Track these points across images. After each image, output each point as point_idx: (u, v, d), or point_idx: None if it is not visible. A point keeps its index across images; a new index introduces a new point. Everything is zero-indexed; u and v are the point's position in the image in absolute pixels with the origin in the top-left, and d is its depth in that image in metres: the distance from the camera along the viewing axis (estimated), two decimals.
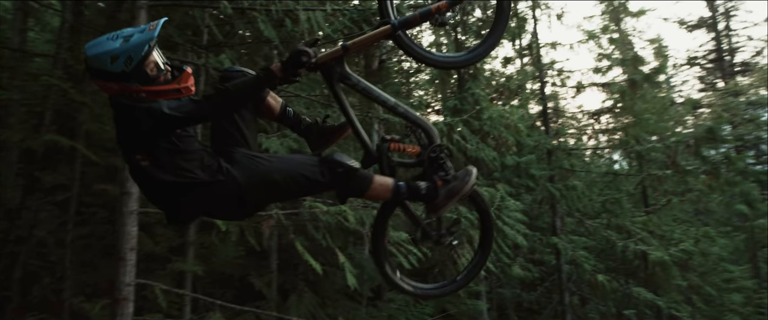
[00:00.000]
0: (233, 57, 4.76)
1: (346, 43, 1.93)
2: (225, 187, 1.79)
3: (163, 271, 4.85)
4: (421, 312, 6.01)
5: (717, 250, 10.15)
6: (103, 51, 1.72)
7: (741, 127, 14.90)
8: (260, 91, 1.87)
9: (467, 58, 2.15)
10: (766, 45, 17.76)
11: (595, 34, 11.14)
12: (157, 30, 1.74)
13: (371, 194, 1.97)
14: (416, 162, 2.12)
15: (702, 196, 10.44)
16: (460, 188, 2.02)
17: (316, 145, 2.13)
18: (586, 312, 8.56)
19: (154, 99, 1.74)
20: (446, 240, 2.19)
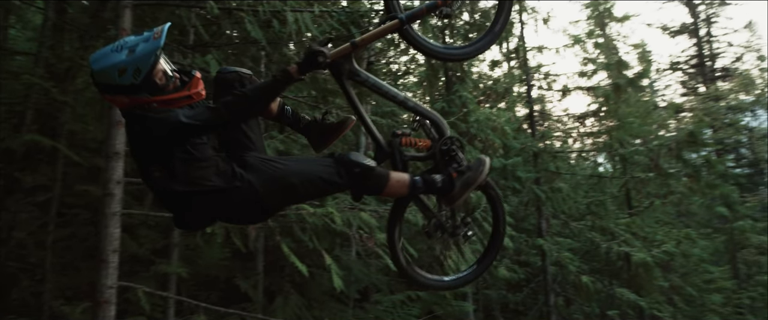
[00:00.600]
0: (220, 57, 4.73)
1: (354, 40, 1.93)
2: (242, 193, 1.76)
3: (146, 273, 4.79)
4: (408, 314, 6.03)
5: (698, 252, 10.37)
6: (109, 64, 1.67)
7: (721, 131, 15.26)
8: (279, 93, 1.83)
9: (469, 51, 2.18)
10: (746, 51, 18.23)
11: (580, 38, 11.31)
12: (163, 38, 1.69)
13: (388, 191, 1.97)
14: (428, 155, 2.13)
15: (683, 199, 10.67)
16: (475, 178, 2.04)
17: (318, 142, 2.12)
18: (571, 312, 8.67)
19: (165, 108, 1.71)
20: (461, 231, 2.20)
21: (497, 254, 2.42)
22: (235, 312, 4.60)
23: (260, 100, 1.77)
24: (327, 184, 1.86)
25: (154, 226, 5.18)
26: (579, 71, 11.53)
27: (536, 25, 10.39)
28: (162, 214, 4.77)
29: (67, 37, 5.63)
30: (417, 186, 1.99)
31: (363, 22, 5.95)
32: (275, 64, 6.44)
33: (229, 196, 1.76)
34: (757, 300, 11.68)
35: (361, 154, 1.98)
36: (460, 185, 2.01)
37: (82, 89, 5.98)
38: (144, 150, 1.75)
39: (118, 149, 3.73)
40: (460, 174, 2.02)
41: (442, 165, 2.08)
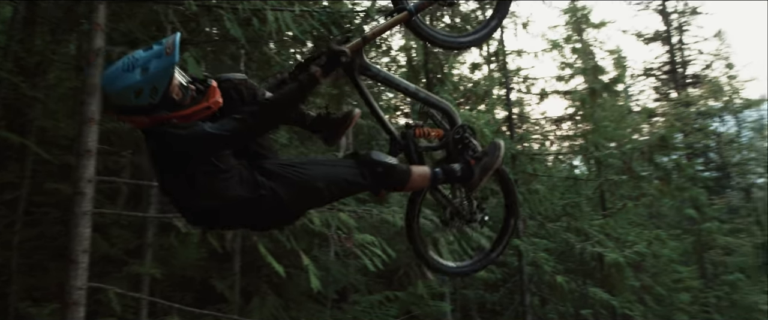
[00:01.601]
0: (198, 55, 4.66)
1: (365, 34, 1.94)
2: (267, 202, 1.74)
3: (118, 274, 4.68)
4: (386, 314, 6.05)
5: (668, 252, 10.72)
6: (124, 86, 1.61)
7: (691, 135, 15.79)
8: (307, 97, 1.82)
9: (474, 39, 2.24)
10: (715, 59, 18.91)
11: (558, 43, 11.56)
12: (177, 52, 1.63)
13: (411, 186, 1.99)
14: (441, 144, 2.16)
15: (655, 201, 11.00)
16: (493, 163, 2.08)
17: (328, 137, 2.10)
18: (546, 312, 8.85)
19: (185, 122, 1.65)
20: (478, 217, 2.24)
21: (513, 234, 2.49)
22: (210, 313, 4.55)
23: (288, 106, 1.75)
24: (351, 185, 1.87)
25: (127, 226, 5.07)
26: (557, 75, 11.80)
27: (516, 30, 10.58)
28: (135, 214, 4.68)
29: (38, 30, 5.46)
30: (438, 177, 2.02)
31: (344, 23, 5.95)
32: (255, 62, 6.38)
33: (255, 205, 1.73)
34: (722, 299, 12.15)
35: (381, 152, 1.97)
36: (479, 171, 2.05)
37: (54, 84, 5.81)
38: (166, 166, 1.69)
39: (89, 147, 3.65)
40: (478, 161, 2.07)
41: (456, 154, 2.12)
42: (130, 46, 4.87)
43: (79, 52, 5.61)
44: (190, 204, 1.73)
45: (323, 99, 5.79)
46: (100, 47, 3.86)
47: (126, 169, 4.80)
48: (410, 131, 2.08)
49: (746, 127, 19.56)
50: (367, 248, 4.98)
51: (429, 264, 2.28)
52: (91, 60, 3.82)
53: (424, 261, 2.27)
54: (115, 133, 5.33)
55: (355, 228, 4.80)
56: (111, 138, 5.21)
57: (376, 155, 1.89)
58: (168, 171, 1.70)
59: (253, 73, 6.17)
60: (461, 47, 2.37)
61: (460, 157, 2.10)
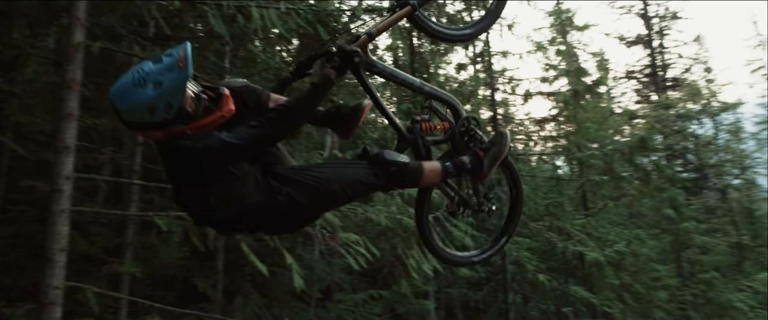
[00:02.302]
0: None
1: (370, 31, 1.93)
2: (283, 208, 1.74)
3: (97, 273, 4.60)
4: (370, 313, 6.07)
5: (646, 251, 10.97)
6: (136, 102, 1.56)
7: (670, 137, 16.16)
8: (322, 100, 1.80)
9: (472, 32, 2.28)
10: (694, 63, 19.37)
11: (543, 45, 11.71)
12: (190, 66, 1.57)
13: (423, 182, 2.00)
14: (447, 137, 2.18)
15: (634, 201, 11.24)
16: (501, 152, 2.12)
17: (343, 130, 2.08)
18: (528, 310, 8.97)
19: (201, 132, 1.63)
20: (486, 206, 2.28)
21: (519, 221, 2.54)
22: (192, 313, 4.50)
23: (305, 110, 1.74)
24: (366, 186, 1.88)
25: (107, 224, 4.98)
26: (541, 77, 11.95)
27: (501, 31, 10.66)
28: (115, 212, 4.61)
29: (15, 24, 5.33)
30: (449, 171, 2.04)
31: (330, 21, 5.94)
32: (240, 59, 6.33)
33: (272, 211, 1.73)
34: (698, 297, 12.48)
35: (394, 152, 1.98)
36: (488, 162, 2.09)
37: (31, 79, 5.68)
38: (184, 178, 1.68)
39: (68, 143, 3.57)
40: (486, 152, 2.11)
41: (462, 146, 2.15)
42: (111, 40, 4.79)
43: (58, 47, 5.48)
44: (209, 214, 1.72)
45: None
46: (79, 42, 3.78)
47: (106, 167, 4.71)
48: (417, 126, 2.09)
49: (723, 130, 20.10)
50: (352, 247, 4.98)
51: (442, 257, 2.33)
52: (71, 55, 3.74)
53: (436, 254, 2.30)
54: (95, 130, 5.23)
55: (339, 227, 4.80)
56: (91, 134, 5.12)
57: (388, 154, 1.90)
58: (185, 183, 1.68)
59: (238, 71, 6.12)
60: (462, 39, 2.41)
61: (468, 149, 2.14)
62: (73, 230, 3.97)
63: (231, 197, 1.66)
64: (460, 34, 2.31)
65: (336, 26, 5.97)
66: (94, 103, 5.52)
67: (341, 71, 1.78)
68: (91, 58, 4.04)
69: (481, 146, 2.14)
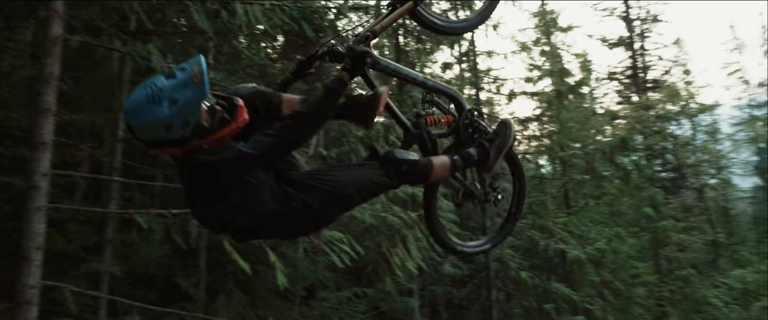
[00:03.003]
0: (162, 46, 4.53)
1: (373, 28, 1.94)
2: (298, 213, 1.73)
3: (76, 272, 4.51)
4: (355, 310, 6.07)
5: (626, 249, 11.20)
6: (152, 120, 1.53)
7: (650, 137, 16.52)
8: (336, 103, 1.79)
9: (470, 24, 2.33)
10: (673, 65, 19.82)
11: (527, 45, 11.85)
12: (206, 83, 1.55)
13: (434, 178, 2.02)
14: (452, 130, 2.21)
15: (615, 199, 11.46)
16: (506, 142, 2.16)
17: (361, 121, 2.06)
18: (511, 307, 9.09)
19: (218, 145, 1.61)
20: (492, 195, 2.31)
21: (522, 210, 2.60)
22: (173, 312, 4.44)
23: (320, 115, 1.73)
24: (378, 187, 1.89)
25: (86, 222, 4.88)
26: (525, 77, 12.10)
27: (486, 31, 10.75)
28: (94, 209, 4.52)
29: None
30: (457, 165, 2.07)
31: (315, 19, 5.91)
32: (224, 55, 6.26)
33: (287, 218, 1.73)
34: (675, 293, 12.80)
35: (404, 150, 1.99)
36: (494, 152, 2.14)
37: (8, 72, 5.52)
38: (201, 191, 1.66)
39: (45, 139, 3.49)
40: (492, 142, 2.15)
41: (467, 138, 2.19)
42: (90, 34, 4.69)
43: (35, 40, 5.34)
44: (227, 225, 1.72)
45: None
46: (58, 35, 3.70)
47: (84, 163, 4.62)
48: (422, 120, 2.11)
49: (700, 131, 20.63)
50: (336, 245, 4.98)
51: (452, 249, 2.38)
52: (49, 48, 3.65)
53: (446, 246, 2.35)
54: (73, 125, 5.12)
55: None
56: (68, 130, 5.01)
57: (398, 153, 1.91)
58: (202, 195, 1.67)
59: (222, 67, 6.05)
60: (463, 31, 2.44)
61: (473, 141, 2.18)
62: (51, 228, 3.88)
63: (247, 206, 1.66)
64: (460, 26, 2.36)
65: (321, 24, 5.95)
66: (73, 98, 5.40)
67: (354, 73, 1.79)
68: (69, 51, 3.95)
69: (486, 137, 2.19)
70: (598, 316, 9.17)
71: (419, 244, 5.82)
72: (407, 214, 5.62)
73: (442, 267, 7.54)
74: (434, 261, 7.55)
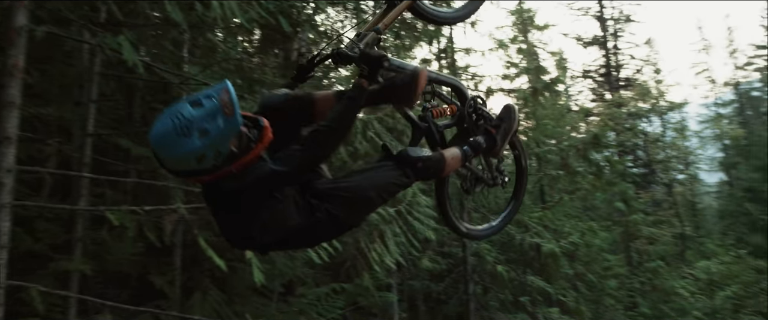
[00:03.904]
0: (134, 38, 4.41)
1: (377, 27, 1.93)
2: (323, 224, 1.74)
3: (44, 271, 4.36)
4: (333, 306, 6.07)
5: (598, 242, 11.53)
6: (184, 153, 1.50)
7: (622, 134, 17.01)
8: (359, 110, 1.81)
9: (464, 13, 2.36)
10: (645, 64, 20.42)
11: (505, 43, 12.01)
12: (238, 113, 1.53)
13: (447, 171, 2.05)
14: (457, 119, 2.24)
15: (588, 194, 11.77)
16: (511, 126, 2.21)
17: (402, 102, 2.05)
18: (488, 300, 9.25)
19: (246, 167, 1.61)
20: (500, 178, 2.37)
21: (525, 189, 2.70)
22: (147, 310, 4.36)
23: (345, 125, 1.74)
24: (397, 187, 1.92)
25: (54, 219, 4.73)
26: (502, 74, 12.27)
27: (465, 28, 10.82)
28: (63, 206, 4.38)
29: None
30: (468, 155, 2.11)
31: (293, 13, 5.85)
32: (199, 49, 6.13)
33: (312, 229, 1.74)
34: (645, 284, 13.26)
35: (416, 148, 2.00)
36: (500, 138, 2.19)
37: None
38: (229, 212, 1.66)
39: (9, 133, 3.37)
40: (498, 128, 2.20)
41: (472, 125, 2.24)
42: (58, 25, 4.52)
43: None
44: (256, 241, 1.73)
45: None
46: (22, 25, 3.56)
47: (52, 159, 4.46)
48: (428, 113, 2.13)
49: (670, 128, 21.35)
50: None
51: (466, 235, 2.44)
52: (13, 39, 3.51)
53: (460, 233, 2.40)
54: (39, 119, 4.95)
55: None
56: (35, 124, 4.83)
57: (412, 152, 1.93)
58: (230, 217, 1.66)
59: (198, 61, 5.93)
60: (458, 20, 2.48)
61: (478, 128, 2.22)
62: (16, 226, 3.75)
63: (274, 223, 1.66)
64: (457, 14, 2.39)
65: (299, 18, 5.89)
66: (40, 91, 5.20)
67: (372, 78, 1.78)
68: (35, 42, 3.81)
69: (491, 123, 2.23)
70: (572, 308, 9.42)
71: (397, 240, 5.86)
72: (385, 210, 5.65)
73: (421, 262, 7.61)
74: (412, 257, 7.61)
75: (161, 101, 5.71)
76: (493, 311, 9.06)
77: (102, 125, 5.38)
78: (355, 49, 1.85)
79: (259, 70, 6.09)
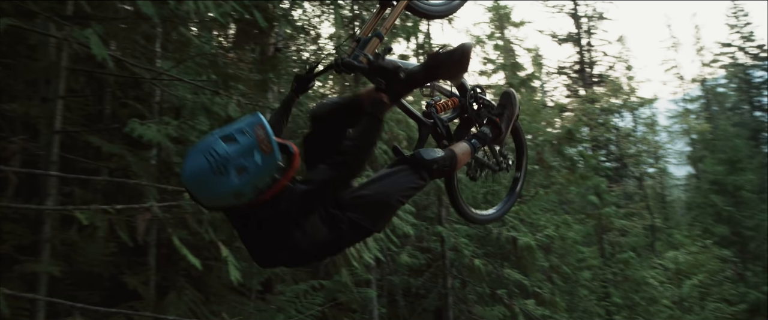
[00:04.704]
0: (102, 32, 4.28)
1: (379, 32, 1.91)
2: (348, 234, 1.76)
3: (9, 273, 4.21)
4: (312, 303, 6.05)
5: (573, 235, 11.81)
6: (222, 192, 1.49)
7: (595, 129, 17.45)
8: (383, 126, 1.81)
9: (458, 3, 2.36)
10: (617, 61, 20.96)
11: (482, 39, 12.14)
12: (276, 148, 1.52)
13: (459, 167, 2.09)
14: (460, 112, 2.26)
15: (563, 188, 12.04)
16: (513, 112, 2.25)
17: (451, 77, 2.07)
18: (466, 293, 9.38)
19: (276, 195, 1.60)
20: (504, 163, 2.41)
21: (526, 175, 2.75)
22: (119, 312, 4.26)
23: (372, 142, 1.75)
24: (415, 190, 1.95)
25: (20, 220, 4.56)
26: (479, 70, 12.40)
27: (442, 24, 10.88)
28: (29, 206, 4.24)
29: None
30: (476, 147, 2.14)
31: (269, 8, 5.77)
32: (172, 44, 5.99)
33: (338, 240, 1.76)
34: (617, 275, 13.68)
35: (429, 149, 2.01)
36: (504, 125, 2.23)
37: None
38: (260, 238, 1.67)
39: None
40: (501, 116, 2.23)
41: (474, 115, 2.26)
42: (22, 18, 4.34)
43: None
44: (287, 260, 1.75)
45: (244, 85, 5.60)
46: None
47: (17, 157, 4.30)
48: (432, 109, 2.14)
49: (641, 123, 22.01)
50: None
51: (476, 220, 2.52)
52: None
53: (470, 218, 2.46)
54: (3, 116, 4.76)
55: None
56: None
57: (426, 154, 1.94)
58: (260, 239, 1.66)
59: (170, 56, 5.79)
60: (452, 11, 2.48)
61: (480, 117, 2.25)
62: None
63: (305, 240, 1.67)
64: (448, 8, 2.40)
65: (275, 13, 5.82)
66: (3, 86, 5.00)
67: (390, 91, 1.78)
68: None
69: (494, 112, 2.27)
70: (547, 299, 9.65)
71: (376, 235, 5.88)
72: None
73: (400, 257, 7.66)
74: (391, 252, 7.66)
75: (133, 97, 5.57)
76: (471, 304, 9.20)
77: (71, 122, 5.21)
78: (359, 57, 1.83)
79: (235, 65, 5.99)
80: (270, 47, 6.72)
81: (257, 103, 5.45)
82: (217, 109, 4.94)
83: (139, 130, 4.25)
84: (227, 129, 1.55)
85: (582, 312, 11.72)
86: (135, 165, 4.77)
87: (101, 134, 5.05)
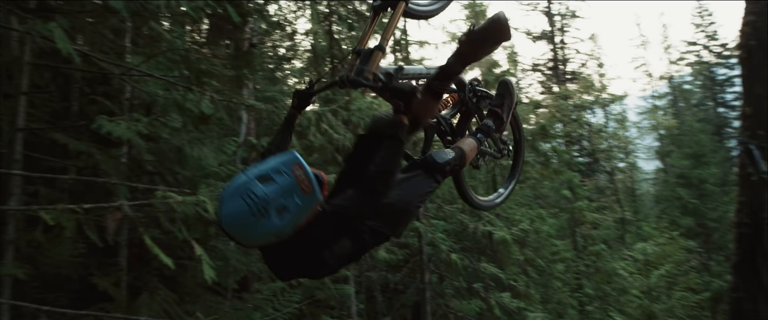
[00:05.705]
0: (68, 25, 4.13)
1: (382, 46, 1.89)
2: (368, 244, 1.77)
3: None
4: (289, 301, 6.02)
5: (547, 228, 12.10)
6: (262, 233, 1.50)
7: (568, 125, 17.87)
8: (405, 146, 1.80)
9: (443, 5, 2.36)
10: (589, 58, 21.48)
11: (458, 36, 12.25)
12: (317, 188, 1.54)
13: (467, 162, 2.11)
14: (460, 106, 2.29)
15: (537, 183, 12.31)
16: (513, 100, 2.29)
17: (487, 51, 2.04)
18: (443, 288, 9.50)
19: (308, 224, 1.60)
20: (505, 150, 2.45)
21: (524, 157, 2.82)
22: (89, 314, 4.15)
23: (394, 166, 1.74)
24: (431, 193, 1.99)
25: None
26: None
27: (419, 22, 10.94)
28: None
29: None
30: (482, 141, 2.20)
31: (244, 2, 5.69)
32: (143, 39, 5.83)
33: (360, 250, 1.77)
34: (590, 267, 14.10)
35: (439, 151, 2.02)
36: (505, 114, 2.27)
37: None
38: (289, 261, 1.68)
39: None
40: (502, 106, 2.27)
41: (474, 108, 2.30)
42: None
43: None
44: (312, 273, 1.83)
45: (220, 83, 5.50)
46: None
47: None
48: None
49: (612, 119, 22.64)
50: None
51: (481, 207, 2.56)
52: None
53: (476, 206, 2.51)
54: None
55: None
56: None
57: (438, 157, 1.96)
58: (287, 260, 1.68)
59: (141, 51, 5.64)
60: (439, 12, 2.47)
61: (479, 109, 2.31)
62: None
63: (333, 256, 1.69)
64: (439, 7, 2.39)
65: (248, 8, 5.73)
66: None
67: (410, 111, 1.77)
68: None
69: (493, 103, 2.31)
70: (522, 291, 9.87)
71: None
72: None
73: (378, 253, 7.69)
74: None
75: (101, 93, 5.40)
76: (449, 298, 9.33)
77: (35, 119, 5.02)
78: (364, 73, 1.83)
79: (208, 61, 5.88)
80: (245, 42, 6.63)
81: (231, 100, 5.37)
82: (189, 106, 4.85)
83: (108, 126, 4.13)
84: (262, 168, 1.55)
85: (556, 304, 12.04)
86: (104, 164, 4.63)
87: (68, 131, 4.88)
